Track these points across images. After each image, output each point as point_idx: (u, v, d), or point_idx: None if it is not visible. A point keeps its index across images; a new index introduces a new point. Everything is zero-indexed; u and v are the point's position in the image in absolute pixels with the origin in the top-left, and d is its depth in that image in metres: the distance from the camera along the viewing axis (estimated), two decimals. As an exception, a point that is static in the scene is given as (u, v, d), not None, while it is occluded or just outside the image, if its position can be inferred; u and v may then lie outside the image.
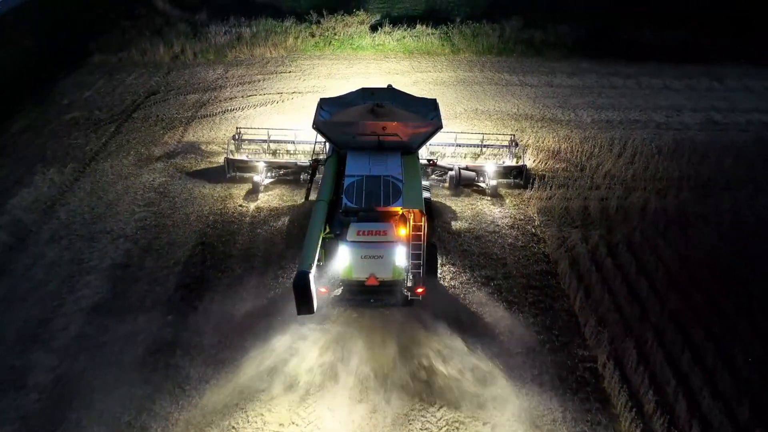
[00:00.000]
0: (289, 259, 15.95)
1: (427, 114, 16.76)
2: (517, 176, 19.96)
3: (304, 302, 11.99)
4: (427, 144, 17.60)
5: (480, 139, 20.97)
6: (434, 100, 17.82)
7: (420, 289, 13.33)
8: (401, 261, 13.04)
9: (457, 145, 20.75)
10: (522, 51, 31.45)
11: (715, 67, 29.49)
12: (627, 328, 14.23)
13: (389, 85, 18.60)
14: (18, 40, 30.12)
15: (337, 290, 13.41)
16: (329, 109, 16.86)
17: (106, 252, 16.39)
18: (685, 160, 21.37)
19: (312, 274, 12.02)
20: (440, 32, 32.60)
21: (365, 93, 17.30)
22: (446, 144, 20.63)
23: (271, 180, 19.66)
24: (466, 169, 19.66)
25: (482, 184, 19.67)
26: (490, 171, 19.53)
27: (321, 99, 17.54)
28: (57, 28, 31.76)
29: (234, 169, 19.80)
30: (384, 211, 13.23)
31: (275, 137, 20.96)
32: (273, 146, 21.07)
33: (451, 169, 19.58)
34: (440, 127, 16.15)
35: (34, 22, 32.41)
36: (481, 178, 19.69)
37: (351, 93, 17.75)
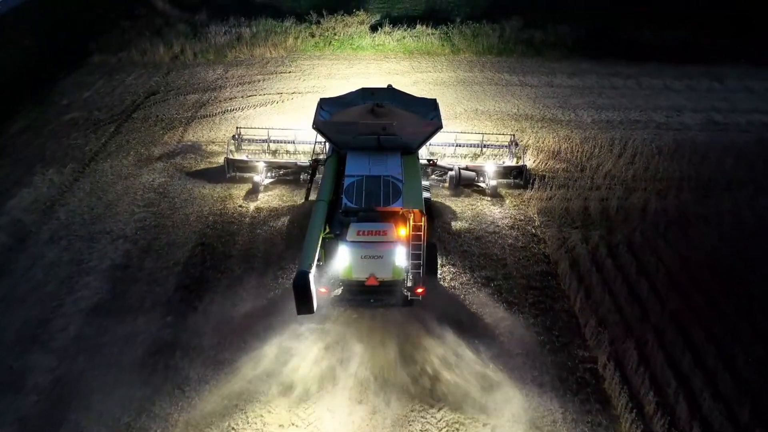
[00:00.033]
0: (288, 259, 15.91)
1: (427, 114, 16.79)
2: (517, 176, 19.94)
3: (304, 302, 11.99)
4: (427, 144, 17.61)
5: (480, 140, 20.95)
6: (434, 100, 17.85)
7: (420, 289, 13.30)
8: (401, 261, 13.01)
9: (457, 145, 20.73)
10: (522, 51, 31.40)
11: (715, 68, 29.44)
12: (627, 329, 14.20)
13: (389, 85, 18.62)
14: (18, 40, 30.09)
15: (337, 290, 13.38)
16: (329, 109, 16.88)
17: (106, 253, 16.36)
18: (685, 160, 21.36)
19: (312, 274, 12.00)
20: (440, 32, 32.56)
21: (365, 93, 17.34)
22: (446, 144, 20.61)
23: (271, 180, 19.64)
24: (466, 169, 19.64)
25: (482, 184, 19.65)
26: (490, 171, 19.51)
27: (321, 99, 17.58)
28: (57, 28, 31.74)
29: (234, 169, 19.79)
30: (384, 211, 13.21)
31: (275, 137, 20.97)
32: (273, 146, 21.07)
33: (451, 169, 19.55)
34: (440, 127, 16.16)
35: (34, 22, 32.38)
36: (481, 178, 19.66)
37: (351, 93, 17.78)
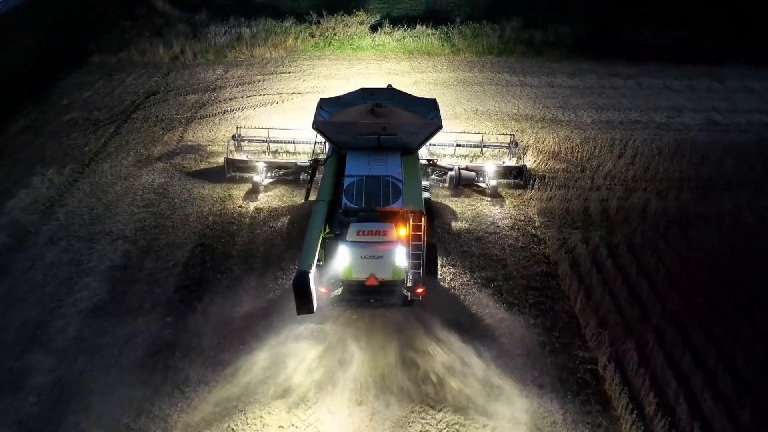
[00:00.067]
0: (288, 260, 15.88)
1: (427, 114, 16.78)
2: (517, 176, 19.93)
3: (303, 302, 11.97)
4: (427, 144, 17.59)
5: (480, 140, 20.93)
6: (434, 100, 17.84)
7: (420, 290, 13.26)
8: (401, 261, 12.98)
9: (457, 145, 20.72)
10: (522, 51, 31.37)
11: (715, 68, 29.40)
12: (628, 330, 14.18)
13: (389, 85, 18.60)
14: (18, 40, 30.07)
15: (337, 290, 13.36)
16: (329, 109, 16.88)
17: (105, 253, 16.34)
18: (685, 160, 21.33)
19: (312, 274, 11.98)
20: (440, 32, 32.54)
21: (365, 93, 17.35)
22: (446, 144, 20.59)
23: (271, 180, 19.62)
24: (466, 169, 19.63)
25: (482, 185, 19.63)
26: (490, 171, 19.49)
27: (321, 99, 17.58)
28: (57, 28, 31.71)
29: (234, 169, 19.77)
30: (384, 211, 13.19)
31: (275, 137, 20.95)
32: (273, 146, 21.05)
33: (451, 169, 19.54)
34: (440, 127, 16.12)
35: (34, 22, 32.36)
36: (481, 179, 19.65)
37: (351, 93, 17.79)
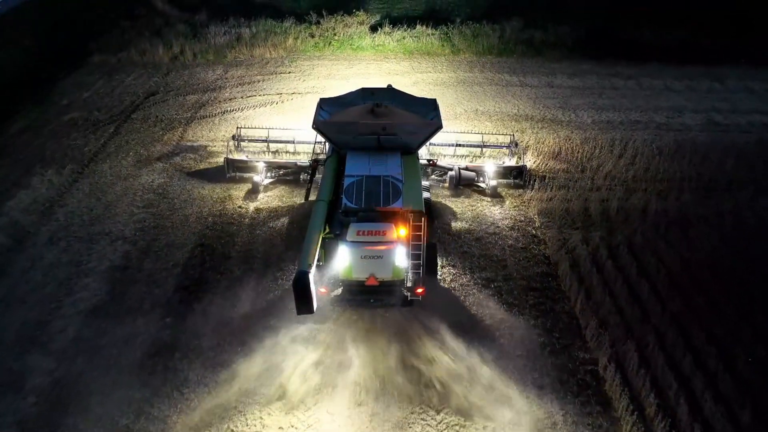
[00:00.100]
0: (288, 260, 15.84)
1: (426, 114, 16.76)
2: (518, 176, 19.90)
3: (303, 302, 11.94)
4: (427, 144, 17.56)
5: (480, 140, 20.89)
6: (434, 100, 17.82)
7: (420, 290, 13.25)
8: (401, 261, 12.96)
9: (457, 145, 20.69)
10: (522, 51, 31.34)
11: (715, 68, 29.38)
12: (628, 331, 14.14)
13: (389, 85, 18.58)
14: (18, 40, 30.04)
15: (337, 290, 13.34)
16: (329, 109, 16.86)
17: (105, 254, 16.31)
18: (686, 161, 21.30)
19: (311, 274, 11.95)
20: (440, 33, 32.50)
21: (365, 93, 17.33)
22: (446, 144, 20.55)
23: (271, 180, 19.59)
24: (466, 169, 19.60)
25: (482, 185, 19.60)
26: (490, 171, 19.46)
27: (321, 99, 17.56)
28: (57, 28, 31.68)
29: (234, 169, 19.74)
30: (384, 211, 13.16)
31: (275, 137, 20.92)
32: (273, 146, 21.02)
33: (450, 169, 19.51)
34: (440, 127, 16.10)
35: (34, 22, 32.32)
36: (481, 179, 19.62)
37: (351, 93, 17.77)
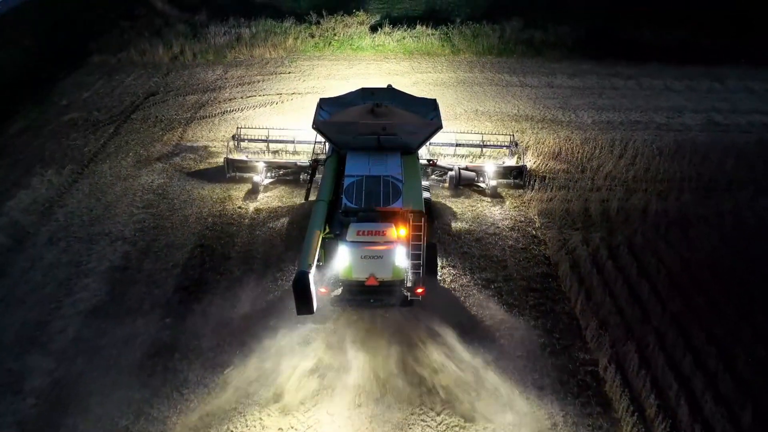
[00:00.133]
0: (288, 261, 15.82)
1: (426, 114, 16.76)
2: (518, 176, 19.89)
3: (303, 302, 11.91)
4: (427, 144, 17.55)
5: (480, 140, 20.88)
6: (434, 100, 17.82)
7: (420, 290, 13.22)
8: (401, 261, 12.94)
9: (457, 145, 20.67)
10: (522, 51, 31.34)
11: (715, 68, 29.38)
12: (628, 331, 14.12)
13: (389, 85, 18.57)
14: (18, 40, 30.02)
15: (337, 290, 13.32)
16: (329, 109, 16.86)
17: (105, 254, 16.29)
18: (686, 161, 21.29)
19: (311, 274, 11.93)
20: (440, 33, 32.49)
21: (365, 93, 17.33)
22: (446, 144, 20.54)
23: (271, 180, 19.58)
24: (466, 169, 19.59)
25: (482, 185, 19.59)
26: (490, 171, 19.45)
27: (321, 99, 17.57)
28: (57, 28, 31.66)
29: (233, 169, 19.72)
30: (384, 211, 13.15)
31: (275, 137, 20.91)
32: (273, 146, 21.01)
33: (450, 170, 19.50)
34: (440, 127, 16.09)
35: (34, 22, 32.30)
36: (481, 179, 19.61)
37: (351, 93, 17.77)
